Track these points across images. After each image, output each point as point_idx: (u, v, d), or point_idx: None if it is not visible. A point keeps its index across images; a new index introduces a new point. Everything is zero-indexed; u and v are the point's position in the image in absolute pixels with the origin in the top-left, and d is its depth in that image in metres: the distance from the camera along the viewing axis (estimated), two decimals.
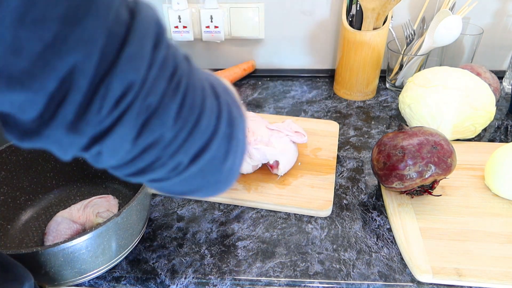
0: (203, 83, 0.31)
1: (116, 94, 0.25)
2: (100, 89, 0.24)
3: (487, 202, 0.68)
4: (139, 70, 0.26)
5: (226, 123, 0.32)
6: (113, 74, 0.25)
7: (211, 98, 0.31)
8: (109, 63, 0.25)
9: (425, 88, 0.79)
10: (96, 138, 0.26)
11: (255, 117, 0.77)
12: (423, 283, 0.57)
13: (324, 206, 0.67)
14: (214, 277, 0.58)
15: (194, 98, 0.29)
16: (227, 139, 0.32)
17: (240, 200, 0.70)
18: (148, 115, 0.27)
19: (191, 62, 0.32)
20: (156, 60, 0.27)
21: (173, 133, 0.28)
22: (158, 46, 0.27)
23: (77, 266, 0.53)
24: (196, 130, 0.30)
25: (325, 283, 0.58)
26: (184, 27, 1.01)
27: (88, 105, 0.25)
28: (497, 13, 0.99)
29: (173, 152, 0.29)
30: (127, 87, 0.25)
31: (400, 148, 0.63)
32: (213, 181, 0.34)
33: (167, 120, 0.28)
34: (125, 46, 0.25)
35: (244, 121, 0.36)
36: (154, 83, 0.27)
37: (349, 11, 0.92)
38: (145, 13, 0.27)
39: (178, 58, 0.29)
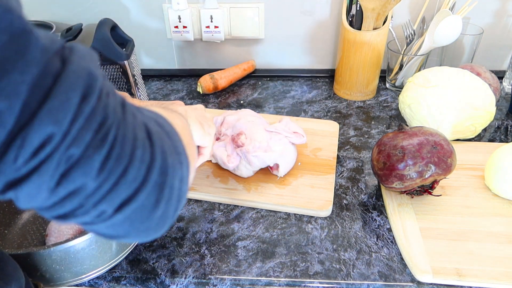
0: (136, 131, 0.31)
1: (34, 145, 0.25)
2: (17, 139, 0.24)
3: (487, 202, 0.68)
4: (61, 123, 0.25)
5: (158, 172, 0.31)
6: (32, 125, 0.24)
7: (143, 148, 0.31)
8: (29, 115, 0.24)
9: (425, 88, 0.79)
10: (11, 184, 0.26)
11: (254, 118, 0.76)
12: (423, 283, 0.57)
13: (324, 206, 0.67)
14: (214, 277, 0.59)
15: (122, 149, 0.29)
16: (158, 188, 0.31)
17: (240, 200, 0.70)
18: (69, 166, 0.26)
19: (126, 108, 0.31)
20: (82, 112, 0.26)
21: (96, 184, 0.28)
22: (86, 98, 0.27)
23: (79, 266, 0.53)
24: (122, 181, 0.29)
25: (325, 283, 0.58)
26: (184, 27, 1.01)
27: (4, 154, 0.25)
28: (497, 13, 0.99)
29: (96, 202, 0.29)
30: (45, 139, 0.25)
31: (400, 148, 0.63)
32: (143, 228, 0.32)
33: (90, 171, 0.27)
34: (48, 99, 0.25)
35: (184, 167, 0.35)
36: (78, 134, 0.26)
37: (349, 11, 0.93)
38: (77, 64, 0.27)
39: (109, 108, 0.29)
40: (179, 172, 0.34)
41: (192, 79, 1.09)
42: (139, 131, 0.31)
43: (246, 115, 0.77)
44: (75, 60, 0.27)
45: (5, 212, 0.66)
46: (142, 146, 0.31)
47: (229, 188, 0.72)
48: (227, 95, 1.03)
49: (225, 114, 0.80)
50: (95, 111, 0.27)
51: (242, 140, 0.71)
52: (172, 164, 0.33)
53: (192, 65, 1.11)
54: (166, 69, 1.12)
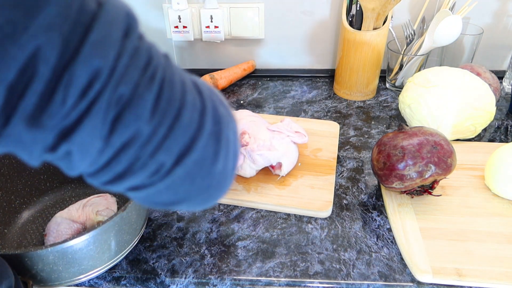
0: (183, 78, 0.29)
1: (81, 83, 0.23)
2: (64, 77, 0.23)
3: (487, 202, 0.68)
4: (107, 57, 0.24)
5: (211, 120, 0.30)
6: (77, 61, 0.23)
7: (193, 93, 0.29)
8: (73, 50, 0.23)
9: (425, 88, 0.79)
10: (63, 134, 0.24)
11: (255, 118, 0.76)
12: (423, 283, 0.57)
13: (324, 207, 0.67)
14: (214, 277, 0.58)
15: (172, 90, 0.27)
16: (215, 138, 0.30)
17: (239, 201, 0.70)
18: (121, 108, 0.25)
19: (170, 59, 0.30)
20: (126, 49, 0.25)
21: (151, 128, 0.26)
22: (128, 35, 0.26)
23: (77, 266, 0.53)
24: (177, 125, 0.27)
25: (325, 283, 0.58)
26: (184, 27, 1.01)
27: (51, 96, 0.23)
28: (497, 13, 0.99)
29: (153, 151, 0.27)
30: (93, 75, 0.23)
31: (400, 148, 0.63)
32: (204, 186, 0.31)
33: (143, 112, 0.25)
34: (90, 33, 0.23)
35: (234, 121, 0.34)
36: (125, 71, 0.25)
37: (349, 11, 0.93)
38: (114, 4, 0.26)
39: (152, 51, 0.27)
40: (232, 124, 0.32)
41: None
42: (186, 78, 0.29)
43: (246, 115, 0.77)
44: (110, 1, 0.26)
45: (5, 212, 0.66)
46: (191, 91, 0.29)
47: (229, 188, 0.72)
48: (227, 95, 1.03)
49: None
50: (139, 49, 0.26)
51: (246, 139, 0.71)
52: (224, 114, 0.31)
53: (192, 65, 1.11)
54: None
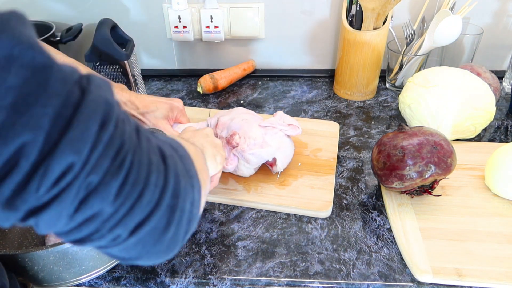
0: (151, 155, 0.32)
1: (55, 175, 0.26)
2: (40, 169, 0.25)
3: (487, 202, 0.68)
4: (81, 152, 0.26)
5: (170, 195, 0.32)
6: (53, 156, 0.25)
7: (157, 172, 0.32)
8: (51, 145, 0.25)
9: (425, 88, 0.79)
10: (32, 212, 0.27)
11: (247, 116, 0.75)
12: (423, 283, 0.57)
13: (323, 207, 0.67)
14: (214, 277, 0.59)
15: (138, 174, 0.30)
16: (170, 211, 0.32)
17: (239, 201, 0.70)
18: (88, 193, 0.27)
19: (141, 133, 0.32)
20: (101, 141, 0.27)
21: (113, 209, 0.29)
22: (104, 126, 0.28)
23: (77, 267, 0.53)
24: (138, 205, 0.30)
25: (325, 283, 0.58)
26: (184, 27, 1.01)
27: (26, 184, 0.25)
28: (497, 13, 0.99)
29: (112, 226, 0.29)
30: (66, 168, 0.26)
31: (400, 148, 0.63)
32: (154, 251, 0.33)
33: (108, 196, 0.28)
34: (69, 129, 0.26)
35: (196, 191, 0.37)
36: (96, 162, 0.27)
37: (349, 11, 0.93)
38: (95, 93, 0.28)
39: (125, 135, 0.29)
40: (191, 195, 0.35)
41: (192, 79, 1.09)
42: (153, 155, 0.32)
43: (240, 113, 0.76)
44: (93, 90, 0.28)
45: None
46: (156, 170, 0.32)
47: (229, 189, 0.72)
48: (227, 95, 1.03)
49: (219, 115, 0.78)
50: (113, 138, 0.28)
51: (236, 140, 0.70)
52: (184, 187, 0.34)
53: (192, 65, 1.11)
54: (166, 69, 1.12)
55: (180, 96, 1.03)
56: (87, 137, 0.26)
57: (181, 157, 0.36)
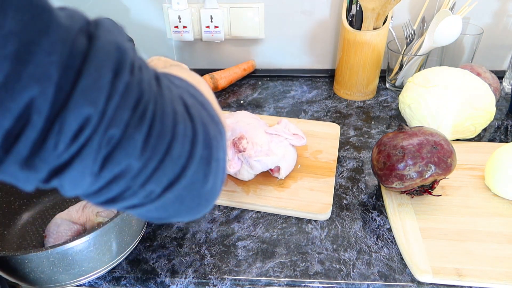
0: (175, 105, 0.30)
1: (72, 129, 0.24)
2: (55, 124, 0.24)
3: (487, 202, 0.68)
4: (97, 103, 0.24)
5: (202, 145, 0.30)
6: (67, 109, 0.24)
7: (184, 122, 0.30)
8: (63, 98, 0.24)
9: (425, 88, 0.79)
10: (54, 172, 0.25)
11: (253, 120, 0.75)
12: (423, 283, 0.57)
13: (323, 210, 0.67)
14: (214, 277, 0.59)
15: (163, 125, 0.28)
16: (205, 162, 0.31)
17: (238, 203, 0.70)
18: (111, 148, 0.26)
19: (161, 81, 0.30)
20: (116, 90, 0.25)
21: (141, 164, 0.27)
22: (119, 74, 0.26)
23: (77, 268, 0.53)
24: (168, 158, 0.28)
25: (325, 283, 0.58)
26: (184, 27, 1.01)
27: (43, 142, 0.24)
28: (497, 13, 0.99)
29: (143, 182, 0.28)
30: (84, 121, 0.24)
31: (400, 148, 0.63)
32: (193, 205, 0.32)
33: (133, 151, 0.26)
34: (80, 79, 0.24)
35: (224, 137, 0.35)
36: (115, 114, 0.25)
37: (349, 11, 0.93)
38: (105, 38, 0.26)
39: (143, 83, 0.28)
40: (222, 143, 0.33)
41: None
42: (177, 105, 0.30)
43: (244, 117, 0.76)
44: (101, 36, 0.26)
45: (5, 213, 0.66)
46: (182, 120, 0.29)
47: (228, 190, 0.72)
48: (227, 95, 1.03)
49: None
50: (130, 87, 0.26)
51: (244, 145, 0.69)
52: (214, 136, 0.32)
53: (192, 65, 1.11)
54: None
55: None
56: (101, 87, 0.25)
57: (202, 104, 0.34)
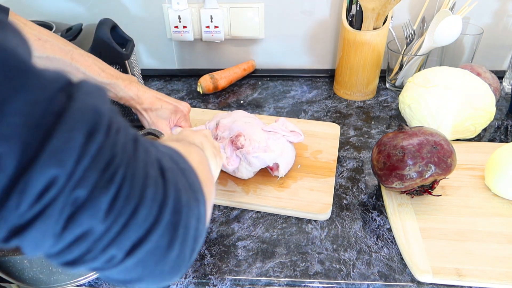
0: (148, 168, 0.29)
1: (37, 189, 0.23)
2: (19, 184, 0.23)
3: (487, 202, 0.68)
4: (65, 164, 0.24)
5: (171, 211, 0.30)
6: (34, 169, 0.23)
7: (155, 186, 0.29)
8: (30, 157, 0.23)
9: (425, 88, 0.79)
10: (14, 231, 0.25)
11: (249, 119, 0.75)
12: (423, 283, 0.57)
13: (323, 210, 0.67)
14: (214, 277, 0.59)
15: (131, 188, 0.27)
16: (172, 228, 0.30)
17: (238, 203, 0.70)
18: (75, 209, 0.25)
19: (139, 144, 0.30)
20: (87, 152, 0.25)
21: (104, 226, 0.26)
22: (92, 136, 0.25)
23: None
24: (132, 222, 0.28)
25: (325, 283, 0.58)
26: (184, 27, 1.01)
27: (5, 200, 0.23)
28: (497, 13, 0.99)
29: (105, 246, 0.27)
30: (49, 182, 0.24)
31: (400, 148, 0.63)
32: (157, 271, 0.31)
33: (98, 213, 0.26)
34: (50, 139, 0.24)
35: (201, 205, 0.34)
36: (83, 175, 0.25)
37: (349, 11, 0.93)
38: (82, 100, 0.26)
39: (117, 146, 0.27)
40: (196, 211, 0.33)
41: (192, 79, 1.09)
42: (151, 168, 0.30)
43: (241, 116, 0.76)
44: (80, 97, 0.26)
45: None
46: (154, 184, 0.29)
47: (228, 190, 0.72)
48: (227, 95, 1.03)
49: (218, 117, 0.78)
50: (102, 149, 0.26)
51: (242, 142, 0.70)
52: (187, 202, 0.32)
53: (192, 65, 1.11)
54: (166, 69, 1.12)
55: (180, 96, 1.03)
56: (71, 148, 0.24)
57: (183, 170, 0.34)
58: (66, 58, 0.63)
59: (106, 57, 0.85)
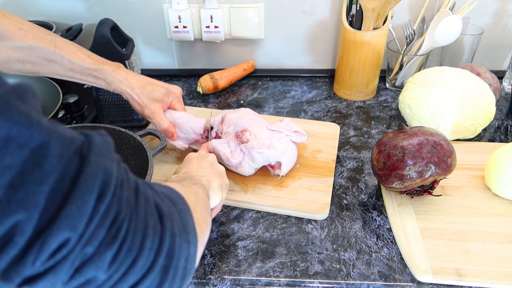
0: (148, 218, 0.32)
1: (51, 250, 0.26)
2: (36, 245, 0.25)
3: (487, 202, 0.68)
4: (77, 228, 0.27)
5: (165, 255, 0.33)
6: (49, 232, 0.26)
7: (153, 235, 0.32)
8: (47, 221, 0.26)
9: (425, 88, 0.79)
10: (27, 281, 0.27)
11: (255, 117, 0.76)
12: (423, 283, 0.57)
13: (321, 209, 0.67)
14: (214, 277, 0.59)
15: (133, 241, 0.30)
16: (164, 271, 0.33)
17: (237, 202, 0.70)
18: (83, 262, 0.28)
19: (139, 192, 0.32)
20: (97, 213, 0.28)
21: (107, 275, 0.29)
22: (102, 197, 0.28)
23: None
24: (131, 270, 0.30)
25: (325, 283, 0.58)
26: (184, 27, 1.01)
27: (22, 258, 0.25)
28: (497, 13, 0.99)
29: None
30: (62, 243, 0.26)
31: (400, 148, 0.63)
32: None
33: (102, 265, 0.29)
34: (66, 204, 0.26)
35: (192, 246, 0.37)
36: (92, 234, 0.27)
37: (349, 11, 0.93)
38: (95, 163, 0.28)
39: (122, 200, 0.30)
40: (186, 252, 0.36)
41: (192, 79, 1.09)
42: (150, 217, 0.32)
43: (247, 114, 0.77)
44: (92, 160, 0.28)
45: None
46: (152, 233, 0.32)
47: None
48: (227, 95, 1.03)
49: (224, 112, 0.80)
50: (110, 208, 0.29)
51: (247, 136, 0.71)
52: (179, 245, 0.35)
53: (192, 65, 1.11)
54: (166, 69, 1.12)
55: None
56: (84, 212, 0.27)
57: (180, 211, 0.37)
58: (49, 47, 0.62)
59: (106, 57, 0.85)
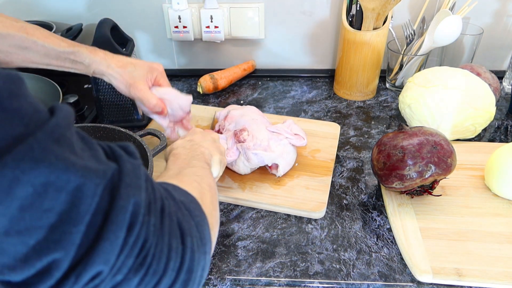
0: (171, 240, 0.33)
1: (83, 282, 0.28)
2: (71, 277, 0.27)
3: (487, 202, 0.68)
4: (109, 261, 0.28)
5: (185, 272, 0.34)
6: (84, 266, 0.27)
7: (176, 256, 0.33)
8: (82, 255, 0.27)
9: (425, 88, 0.79)
10: None
11: (257, 117, 0.76)
12: (423, 283, 0.57)
13: (317, 208, 0.67)
14: (214, 277, 0.59)
15: (158, 265, 0.32)
16: (183, 285, 0.34)
17: (234, 199, 0.70)
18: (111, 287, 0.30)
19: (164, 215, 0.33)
20: (127, 245, 0.29)
21: None
22: (131, 229, 0.29)
23: None
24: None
25: (325, 283, 0.58)
26: (184, 27, 1.01)
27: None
28: (497, 13, 0.99)
29: None
30: (95, 275, 0.28)
31: (400, 148, 0.63)
32: None
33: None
34: (99, 241, 0.28)
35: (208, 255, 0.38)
36: (122, 264, 0.29)
37: (349, 11, 0.93)
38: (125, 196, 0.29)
39: (149, 228, 0.31)
40: (203, 263, 0.37)
41: (192, 79, 1.09)
42: (173, 239, 0.34)
43: (250, 112, 0.78)
44: (122, 193, 0.29)
45: None
46: (175, 255, 0.33)
47: (224, 186, 0.72)
48: (227, 95, 1.03)
49: (230, 108, 0.81)
50: (138, 237, 0.30)
51: (244, 136, 0.71)
52: (198, 259, 0.36)
53: (192, 65, 1.11)
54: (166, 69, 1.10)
55: None
56: (116, 246, 0.28)
57: (197, 224, 0.38)
58: (21, 33, 0.61)
59: None
